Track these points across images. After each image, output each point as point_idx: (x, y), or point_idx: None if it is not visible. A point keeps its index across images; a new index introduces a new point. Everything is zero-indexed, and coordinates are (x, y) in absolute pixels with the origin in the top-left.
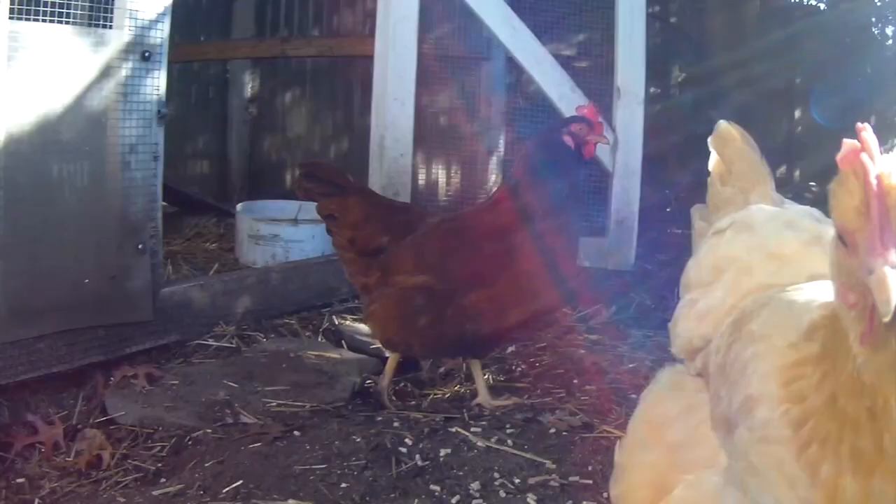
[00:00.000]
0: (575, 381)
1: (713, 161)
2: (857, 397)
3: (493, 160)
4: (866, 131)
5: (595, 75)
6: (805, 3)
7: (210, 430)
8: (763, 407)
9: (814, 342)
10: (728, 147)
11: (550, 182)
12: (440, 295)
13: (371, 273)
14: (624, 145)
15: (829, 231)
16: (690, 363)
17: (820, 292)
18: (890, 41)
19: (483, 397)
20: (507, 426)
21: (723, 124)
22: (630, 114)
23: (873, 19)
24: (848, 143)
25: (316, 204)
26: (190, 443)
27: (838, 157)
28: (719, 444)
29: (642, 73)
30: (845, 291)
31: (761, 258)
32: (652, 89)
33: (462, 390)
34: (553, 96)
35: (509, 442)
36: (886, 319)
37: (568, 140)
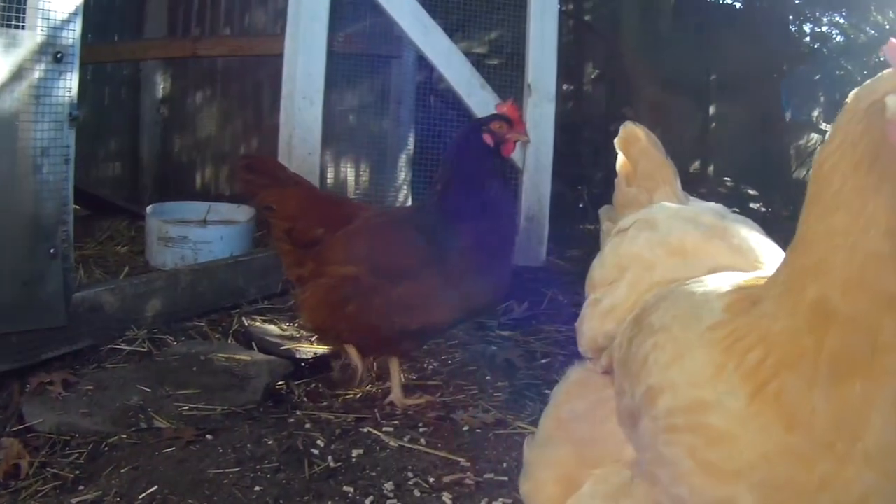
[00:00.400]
0: (487, 377)
1: (620, 162)
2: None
3: (403, 158)
4: None
5: (507, 72)
6: (721, 2)
7: (125, 436)
8: (666, 396)
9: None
10: (633, 147)
11: (475, 181)
12: (368, 286)
13: (306, 264)
14: (535, 141)
15: (732, 225)
16: (597, 361)
17: (718, 283)
18: (808, 38)
19: (396, 395)
20: (420, 425)
21: (628, 125)
22: (541, 111)
23: (790, 17)
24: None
25: (253, 197)
26: (106, 449)
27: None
28: (626, 437)
29: (553, 71)
30: None
31: (663, 254)
32: (565, 86)
33: (374, 390)
34: (462, 93)
35: (422, 441)
36: None
37: (487, 138)
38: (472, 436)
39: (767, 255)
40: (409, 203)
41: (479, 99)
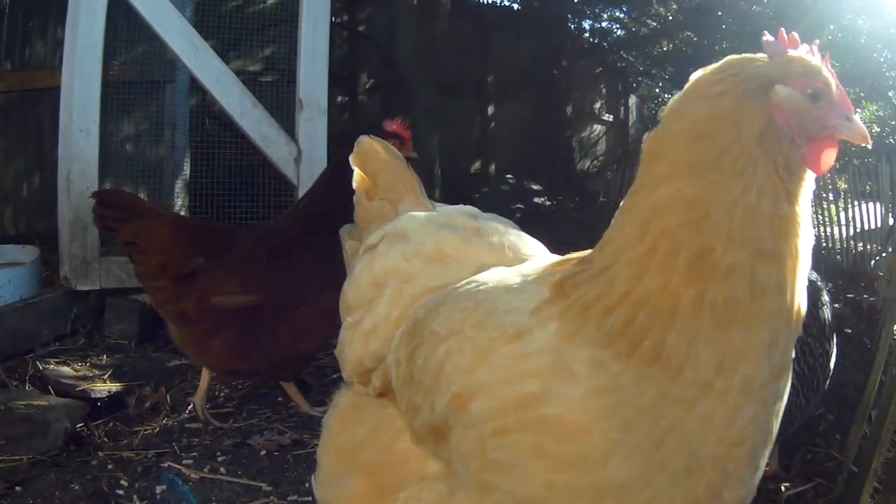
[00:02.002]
0: (280, 399)
1: (357, 178)
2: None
3: (179, 184)
4: None
5: (281, 88)
6: (498, 3)
7: None
8: (478, 400)
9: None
10: (371, 161)
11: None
12: (271, 313)
13: (186, 298)
14: (308, 156)
15: (487, 224)
16: (367, 385)
17: (506, 274)
18: (587, 34)
19: (304, 406)
20: (218, 454)
21: (363, 140)
22: (313, 125)
23: (569, 15)
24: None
25: (113, 233)
26: None
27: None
28: (428, 454)
29: (325, 84)
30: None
31: (421, 263)
32: (339, 98)
33: (170, 423)
34: (234, 114)
35: (222, 470)
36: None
37: None
38: (270, 459)
39: (528, 247)
40: None
41: (252, 119)
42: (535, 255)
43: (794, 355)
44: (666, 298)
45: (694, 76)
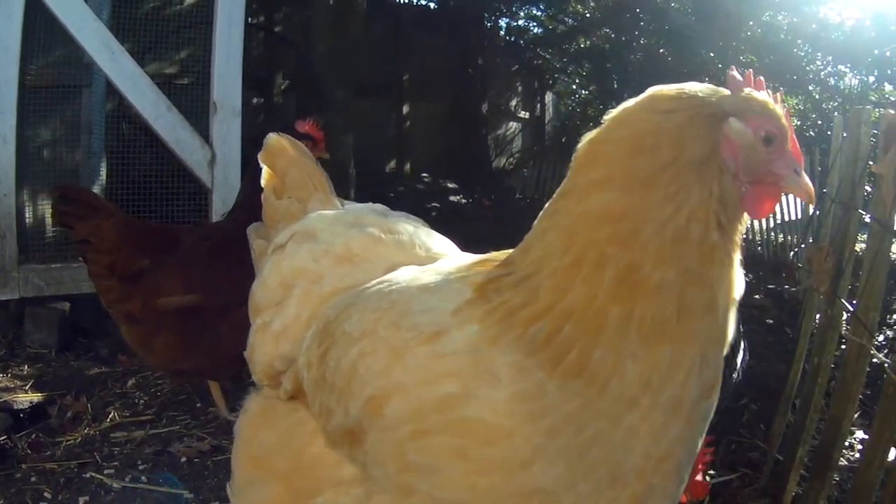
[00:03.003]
0: (198, 404)
1: (265, 176)
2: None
3: (96, 189)
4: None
5: (197, 91)
6: (414, 2)
7: None
8: (394, 402)
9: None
10: (280, 159)
11: None
12: (213, 312)
13: (133, 298)
14: (222, 159)
15: (397, 223)
16: (278, 388)
17: (408, 277)
18: (503, 32)
19: (223, 411)
20: (139, 463)
21: (272, 137)
22: (227, 127)
23: (485, 13)
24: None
25: (70, 230)
26: None
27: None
28: (343, 457)
29: (238, 85)
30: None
31: (331, 263)
32: (255, 100)
33: (91, 432)
34: (149, 117)
35: (143, 479)
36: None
37: None
38: (190, 466)
39: (438, 245)
40: None
41: (167, 122)
42: (446, 254)
43: None
44: (592, 314)
45: (651, 89)
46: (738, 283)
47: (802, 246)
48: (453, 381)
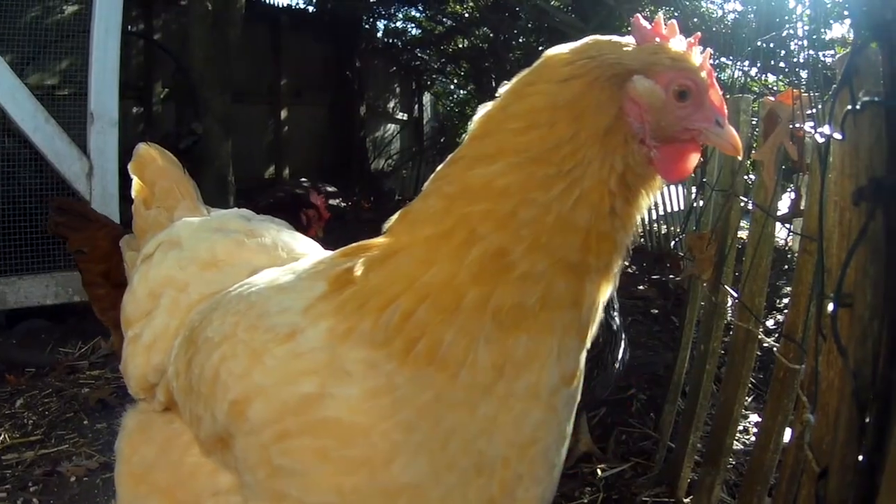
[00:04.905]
0: (85, 422)
1: (135, 186)
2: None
3: None
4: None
5: (76, 102)
6: (293, 6)
7: None
8: (256, 405)
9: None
10: (148, 169)
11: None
12: None
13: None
14: (99, 171)
15: (260, 226)
16: (153, 400)
17: (266, 279)
18: (381, 34)
19: None
20: (30, 484)
21: (141, 147)
22: (104, 138)
23: (364, 16)
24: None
25: (65, 241)
26: None
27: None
28: (219, 465)
29: (115, 95)
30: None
31: (196, 270)
32: (135, 109)
33: None
34: (28, 129)
35: (35, 501)
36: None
37: (303, 217)
38: (80, 485)
39: (302, 246)
40: None
41: (45, 134)
42: (308, 253)
43: None
44: (449, 293)
45: (547, 52)
46: (615, 277)
47: (684, 235)
48: (310, 381)
